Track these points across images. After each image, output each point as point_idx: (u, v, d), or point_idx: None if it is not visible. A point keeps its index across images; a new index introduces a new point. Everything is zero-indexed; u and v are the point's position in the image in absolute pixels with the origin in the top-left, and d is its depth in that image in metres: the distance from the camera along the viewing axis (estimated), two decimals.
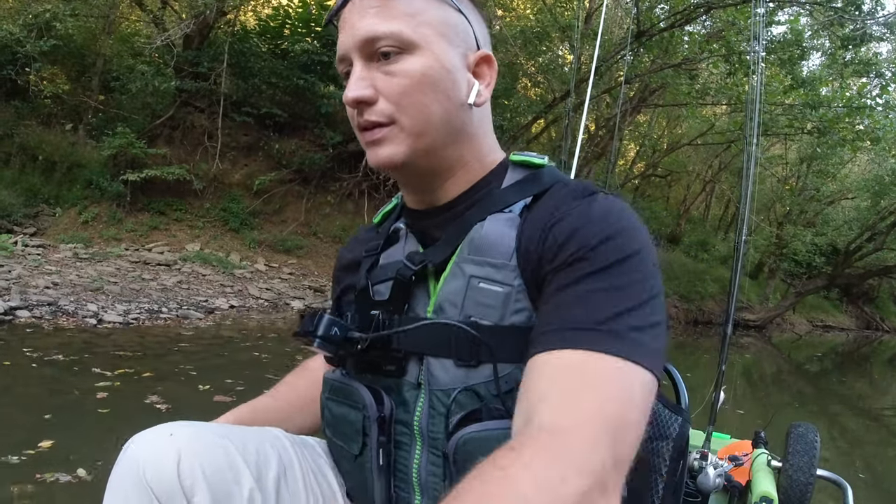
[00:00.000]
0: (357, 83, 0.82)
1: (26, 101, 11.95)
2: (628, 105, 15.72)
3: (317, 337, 0.85)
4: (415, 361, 0.86)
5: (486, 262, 0.81)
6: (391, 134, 0.83)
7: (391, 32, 0.80)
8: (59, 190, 10.93)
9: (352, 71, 0.84)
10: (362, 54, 0.82)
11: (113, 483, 0.76)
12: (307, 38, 12.85)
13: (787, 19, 12.78)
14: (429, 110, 0.82)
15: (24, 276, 7.37)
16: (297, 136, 13.32)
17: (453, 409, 0.80)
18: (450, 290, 0.84)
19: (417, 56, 0.81)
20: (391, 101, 0.82)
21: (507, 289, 0.80)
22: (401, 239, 0.95)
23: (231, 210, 12.03)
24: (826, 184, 20.85)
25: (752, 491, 1.34)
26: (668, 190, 25.66)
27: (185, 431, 0.79)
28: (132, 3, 12.85)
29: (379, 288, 0.93)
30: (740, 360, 11.62)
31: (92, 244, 9.95)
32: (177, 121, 12.50)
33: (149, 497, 0.73)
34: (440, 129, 0.84)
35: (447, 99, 0.83)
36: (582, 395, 0.64)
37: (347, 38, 0.83)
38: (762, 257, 22.45)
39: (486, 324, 0.80)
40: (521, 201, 0.85)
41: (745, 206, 2.35)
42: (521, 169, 0.90)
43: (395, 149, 0.83)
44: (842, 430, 6.47)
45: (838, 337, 21.83)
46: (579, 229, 0.76)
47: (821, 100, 12.38)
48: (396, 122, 0.82)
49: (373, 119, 0.82)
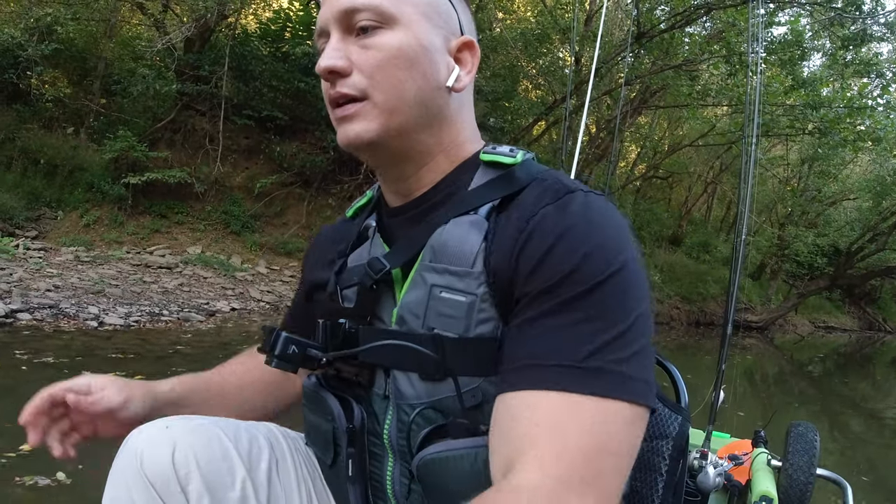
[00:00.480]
0: (331, 52, 0.79)
1: (28, 105, 11.97)
2: (629, 106, 15.73)
3: (274, 357, 0.85)
4: (381, 373, 0.84)
5: (447, 271, 0.77)
6: (363, 110, 0.79)
7: (371, 4, 0.78)
8: (60, 193, 10.94)
9: (326, 46, 0.81)
10: (340, 26, 0.80)
11: (114, 474, 0.78)
12: (308, 42, 12.86)
13: (787, 20, 12.79)
14: (403, 87, 0.79)
15: (26, 279, 7.37)
16: (298, 139, 13.33)
17: (419, 424, 0.78)
18: (411, 300, 0.80)
19: (396, 31, 0.79)
20: (365, 75, 0.79)
21: (470, 298, 0.75)
22: (369, 238, 0.92)
23: (232, 213, 12.04)
24: (828, 184, 20.85)
25: (752, 490, 1.34)
26: (670, 191, 25.65)
27: (180, 424, 0.81)
28: (133, 7, 12.87)
29: (347, 293, 0.90)
30: (742, 361, 11.61)
31: (93, 247, 9.96)
32: (178, 124, 12.52)
33: (146, 486, 0.75)
34: (414, 109, 0.81)
35: (423, 78, 0.80)
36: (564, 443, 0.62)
37: (326, 10, 0.81)
38: (764, 258, 22.46)
39: (451, 336, 0.75)
40: (488, 203, 0.80)
41: (744, 206, 2.35)
42: (493, 169, 0.84)
43: (367, 125, 0.80)
44: (844, 430, 6.47)
45: (840, 338, 21.82)
46: (554, 247, 0.70)
47: (822, 100, 12.38)
48: (369, 98, 0.79)
49: (344, 91, 0.79)
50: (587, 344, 0.65)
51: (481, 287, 0.74)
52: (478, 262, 0.75)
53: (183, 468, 0.76)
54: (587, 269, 0.68)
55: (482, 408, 0.74)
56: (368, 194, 1.00)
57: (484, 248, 0.76)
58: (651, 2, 12.47)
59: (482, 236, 0.77)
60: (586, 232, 0.71)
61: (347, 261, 0.92)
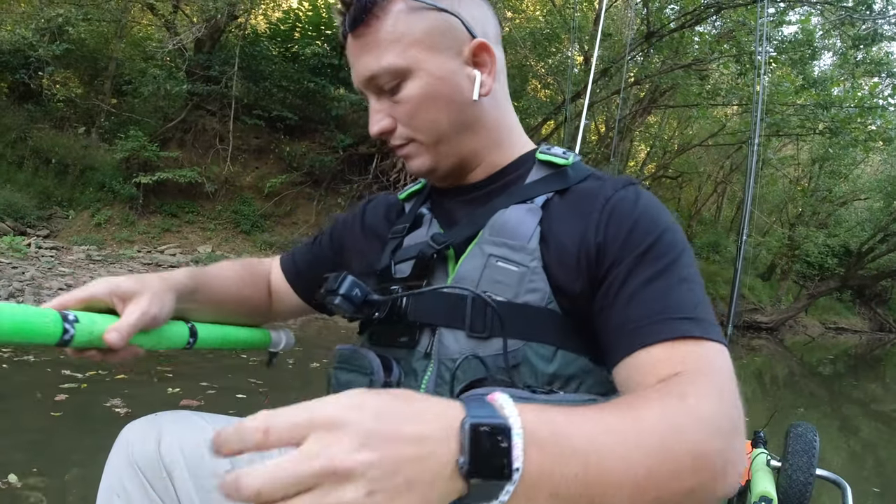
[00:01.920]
0: (375, 117, 0.92)
1: (39, 105, 12.07)
2: (638, 106, 15.69)
3: (338, 295, 0.87)
4: (427, 333, 0.88)
5: (505, 244, 0.86)
6: (414, 150, 0.94)
7: (384, 68, 0.87)
8: (72, 192, 11.03)
9: (369, 105, 0.93)
10: (371, 90, 0.92)
11: (108, 464, 0.86)
12: (317, 42, 12.91)
13: (797, 19, 12.73)
14: (438, 121, 0.90)
15: (38, 278, 7.43)
16: (307, 139, 13.38)
17: (459, 377, 0.82)
18: (468, 267, 0.87)
19: (414, 80, 0.88)
20: (405, 125, 0.91)
21: (522, 269, 0.84)
22: (424, 224, 0.99)
23: (242, 212, 12.09)
24: (838, 184, 20.73)
25: (752, 491, 1.35)
26: (680, 191, 25.55)
27: (169, 416, 0.92)
28: (144, 8, 12.93)
29: (400, 267, 0.96)
30: (751, 362, 11.56)
31: (105, 246, 10.03)
32: (188, 124, 12.59)
33: (136, 472, 0.83)
34: (453, 132, 0.92)
35: (451, 104, 0.90)
36: (710, 372, 0.71)
37: (354, 77, 0.92)
38: (774, 259, 22.34)
39: (500, 299, 0.83)
40: (543, 195, 0.90)
41: (747, 204, 2.36)
42: (546, 167, 0.95)
43: (421, 161, 0.94)
44: (854, 433, 6.43)
45: (851, 339, 21.68)
46: (638, 222, 0.83)
47: (832, 100, 12.32)
48: (415, 140, 0.92)
49: (395, 143, 0.94)
50: (692, 299, 0.78)
51: (534, 262, 0.84)
52: (533, 240, 0.85)
53: (168, 456, 0.83)
54: (668, 240, 0.82)
55: (519, 369, 0.81)
56: (422, 182, 1.11)
57: (539, 231, 0.86)
58: (661, 1, 12.44)
59: (537, 221, 0.87)
60: (658, 213, 0.85)
61: (403, 241, 1.00)
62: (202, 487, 0.85)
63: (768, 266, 23.40)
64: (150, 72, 12.08)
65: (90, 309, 0.80)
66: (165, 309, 0.87)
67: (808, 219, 21.26)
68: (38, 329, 0.70)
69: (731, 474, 0.60)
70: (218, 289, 1.04)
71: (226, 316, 1.07)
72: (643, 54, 13.33)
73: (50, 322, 0.71)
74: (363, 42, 0.88)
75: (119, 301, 0.83)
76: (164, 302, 0.87)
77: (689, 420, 0.60)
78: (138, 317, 0.81)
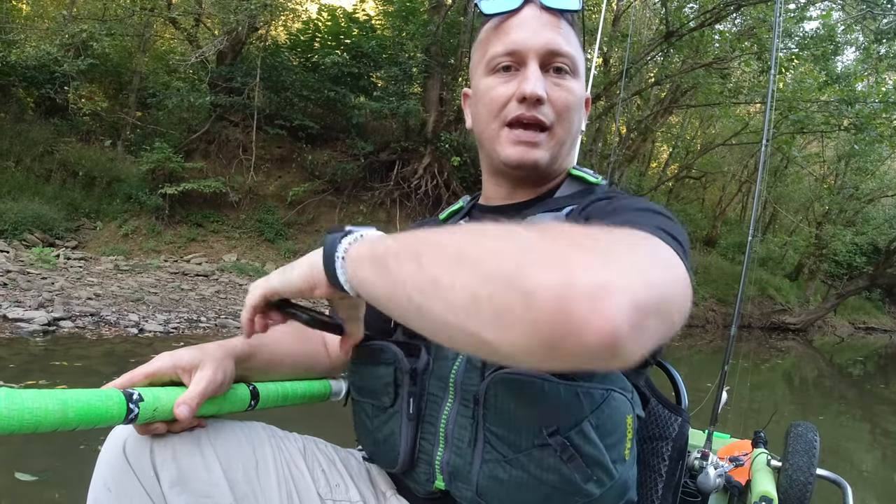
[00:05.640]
0: (538, 83, 0.94)
1: (66, 119, 12.29)
2: (659, 106, 15.59)
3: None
4: None
5: None
6: (545, 141, 0.97)
7: (571, 54, 0.96)
8: (99, 204, 11.20)
9: (528, 69, 0.95)
10: (540, 59, 0.95)
11: (101, 455, 0.86)
12: (337, 51, 13.02)
13: (818, 14, 12.58)
14: (572, 127, 0.99)
15: (67, 288, 7.56)
16: (329, 147, 13.48)
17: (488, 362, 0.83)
18: None
19: (578, 80, 0.99)
20: (555, 110, 0.96)
21: None
22: None
23: (266, 221, 12.21)
24: (865, 181, 20.38)
25: (752, 491, 1.34)
26: (703, 192, 25.33)
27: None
28: (166, 22, 13.14)
29: None
30: (782, 363, 11.42)
31: (132, 256, 10.18)
32: (212, 135, 12.75)
33: (126, 467, 0.83)
34: (569, 145, 1.02)
35: (579, 122, 1.01)
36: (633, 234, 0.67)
37: (526, 38, 0.95)
38: (802, 258, 22.04)
39: None
40: (568, 207, 0.96)
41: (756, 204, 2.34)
42: (577, 182, 1.04)
43: (544, 154, 0.98)
44: (887, 435, 6.32)
45: (881, 339, 21.32)
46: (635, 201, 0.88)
47: (856, 95, 12.16)
48: (552, 130, 0.97)
49: (540, 117, 0.95)
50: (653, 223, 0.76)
51: None
52: None
53: (159, 456, 0.84)
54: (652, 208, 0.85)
55: None
56: (461, 202, 1.17)
57: None
58: (680, 0, 12.37)
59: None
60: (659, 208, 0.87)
61: None
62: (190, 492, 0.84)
63: (795, 266, 23.09)
64: (174, 84, 12.27)
65: (155, 383, 0.85)
66: (228, 375, 0.90)
67: (836, 217, 20.93)
68: (103, 414, 0.73)
69: (573, 323, 0.42)
70: (274, 349, 1.05)
71: (286, 374, 1.07)
72: (663, 54, 13.25)
73: (114, 405, 0.75)
74: (555, 22, 0.96)
75: (183, 373, 0.86)
76: (227, 368, 0.90)
77: (528, 245, 0.48)
78: (205, 386, 0.84)
